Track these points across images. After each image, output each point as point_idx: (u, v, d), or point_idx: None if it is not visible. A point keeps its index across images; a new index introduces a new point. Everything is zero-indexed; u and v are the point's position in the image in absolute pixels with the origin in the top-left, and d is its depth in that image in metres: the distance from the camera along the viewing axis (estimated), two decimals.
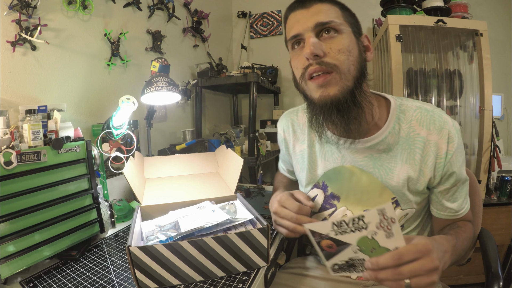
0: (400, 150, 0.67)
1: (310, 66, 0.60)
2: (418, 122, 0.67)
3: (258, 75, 1.72)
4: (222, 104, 2.39)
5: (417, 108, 0.68)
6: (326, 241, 0.53)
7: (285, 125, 0.85)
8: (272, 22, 2.42)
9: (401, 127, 0.67)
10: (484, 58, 1.53)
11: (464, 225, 0.70)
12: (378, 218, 0.47)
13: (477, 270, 1.57)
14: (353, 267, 0.55)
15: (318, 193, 0.78)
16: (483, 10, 1.96)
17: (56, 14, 1.05)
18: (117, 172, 1.10)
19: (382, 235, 0.48)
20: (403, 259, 0.46)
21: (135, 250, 0.58)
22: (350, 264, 0.55)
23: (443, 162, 0.65)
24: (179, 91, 1.13)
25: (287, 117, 0.85)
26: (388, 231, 0.47)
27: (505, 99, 1.98)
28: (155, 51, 1.55)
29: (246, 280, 0.64)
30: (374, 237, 0.49)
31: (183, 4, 1.81)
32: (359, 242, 0.50)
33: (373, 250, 0.50)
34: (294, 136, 0.82)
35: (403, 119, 0.68)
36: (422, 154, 0.66)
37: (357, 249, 0.51)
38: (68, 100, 1.08)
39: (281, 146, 0.89)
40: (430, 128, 0.66)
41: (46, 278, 0.69)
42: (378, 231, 0.48)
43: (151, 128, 1.38)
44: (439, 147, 0.65)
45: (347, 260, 0.54)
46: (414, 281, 0.46)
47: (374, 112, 0.67)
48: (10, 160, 0.67)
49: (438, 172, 0.67)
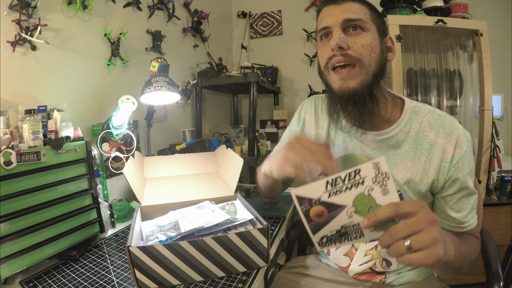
0: (407, 148, 0.69)
1: (334, 57, 0.64)
2: (429, 124, 0.69)
3: (258, 75, 1.72)
4: (222, 104, 2.39)
5: (429, 111, 0.71)
6: (316, 208, 0.49)
7: (308, 107, 0.87)
8: (272, 22, 2.42)
9: (411, 127, 0.70)
10: (484, 58, 1.53)
11: (469, 238, 0.68)
12: (374, 171, 0.46)
13: (477, 270, 1.57)
14: (345, 236, 0.50)
15: None
16: (483, 10, 1.95)
17: (56, 14, 1.05)
18: (117, 172, 1.10)
19: (378, 190, 0.46)
20: (400, 209, 0.44)
21: (135, 250, 0.58)
22: (341, 234, 0.50)
23: (448, 166, 0.66)
24: (179, 91, 1.13)
25: (312, 101, 0.87)
26: (384, 187, 0.46)
27: (505, 99, 1.98)
28: (155, 51, 1.55)
29: (246, 280, 0.64)
30: (370, 193, 0.47)
31: (183, 4, 1.81)
32: (355, 201, 0.47)
33: (369, 209, 0.47)
34: (315, 119, 0.84)
35: (415, 120, 0.70)
36: (428, 156, 0.67)
37: (353, 211, 0.48)
38: (68, 100, 1.08)
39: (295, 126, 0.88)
40: (439, 131, 0.67)
41: (46, 278, 0.69)
42: (374, 186, 0.46)
43: (151, 128, 1.38)
44: (445, 150, 0.66)
45: (338, 228, 0.50)
46: (414, 238, 0.42)
47: (388, 108, 0.70)
48: (10, 160, 0.67)
49: (442, 176, 0.66)
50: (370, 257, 0.75)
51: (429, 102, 1.65)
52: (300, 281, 0.82)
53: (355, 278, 0.78)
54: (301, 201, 0.49)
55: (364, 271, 0.77)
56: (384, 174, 0.46)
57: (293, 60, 2.37)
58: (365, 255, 0.76)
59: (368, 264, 0.76)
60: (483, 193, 1.59)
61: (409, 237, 0.42)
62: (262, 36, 2.47)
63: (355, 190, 0.47)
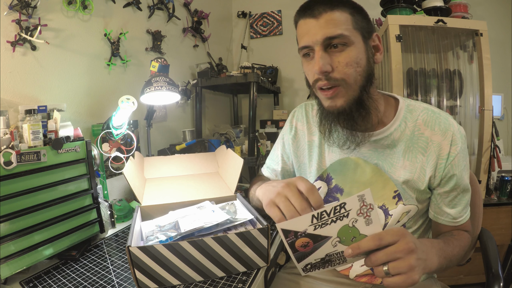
0: (404, 147, 0.70)
1: (319, 81, 0.64)
2: (424, 122, 0.69)
3: (258, 75, 1.72)
4: (222, 104, 2.39)
5: (424, 109, 0.71)
6: (302, 239, 0.51)
7: (300, 115, 0.86)
8: (272, 22, 2.42)
9: (407, 126, 0.70)
10: (484, 58, 1.53)
11: (459, 234, 0.71)
12: (359, 204, 0.48)
13: (477, 270, 1.57)
14: (329, 262, 0.53)
15: (321, 186, 0.79)
16: (483, 10, 1.95)
17: (56, 14, 1.05)
18: (117, 172, 1.10)
19: (362, 222, 0.49)
20: (383, 241, 0.47)
21: (135, 250, 0.58)
22: (325, 261, 0.53)
23: (444, 163, 0.67)
24: (179, 91, 1.13)
25: (302, 108, 0.87)
26: (368, 218, 0.49)
27: (505, 99, 1.98)
28: (155, 51, 1.55)
29: (246, 280, 0.64)
30: (354, 225, 0.49)
31: (183, 4, 1.81)
32: (340, 232, 0.50)
33: (353, 239, 0.50)
34: (307, 126, 0.84)
35: (410, 118, 0.70)
36: (425, 154, 0.68)
37: (337, 242, 0.51)
38: (68, 100, 1.08)
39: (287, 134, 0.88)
40: (434, 128, 0.68)
41: (46, 278, 0.69)
42: (358, 218, 0.49)
43: (151, 128, 1.38)
44: (441, 148, 0.67)
45: (323, 256, 0.53)
46: (392, 265, 0.47)
47: (381, 109, 0.71)
48: (10, 160, 0.67)
49: (439, 173, 0.68)
50: None
51: (429, 102, 1.65)
52: (300, 282, 0.82)
53: (355, 280, 0.78)
54: (286, 234, 0.51)
55: (365, 273, 0.76)
56: (369, 205, 0.48)
57: (293, 60, 2.37)
58: None
59: None
60: (483, 193, 1.59)
61: (387, 264, 0.47)
62: (262, 36, 2.47)
63: (340, 223, 0.49)
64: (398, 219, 0.72)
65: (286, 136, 0.89)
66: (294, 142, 0.86)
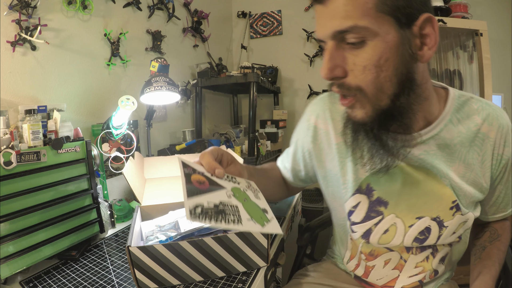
0: (459, 147, 0.58)
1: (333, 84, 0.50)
2: (480, 115, 0.58)
3: (258, 75, 1.72)
4: (222, 104, 2.39)
5: (479, 100, 0.60)
6: (198, 176, 0.50)
7: (320, 110, 0.68)
8: (272, 22, 2.42)
9: (460, 121, 0.58)
10: (484, 58, 1.53)
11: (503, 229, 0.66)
12: (246, 184, 0.56)
13: None
14: (223, 214, 0.46)
15: (361, 200, 0.64)
16: (483, 10, 1.95)
17: (56, 14, 1.04)
18: (117, 172, 1.10)
19: (251, 194, 0.55)
20: None
21: (135, 250, 0.57)
22: (219, 210, 0.46)
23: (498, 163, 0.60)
24: (179, 91, 1.13)
25: (324, 101, 0.68)
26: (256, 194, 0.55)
27: (505, 99, 1.98)
28: (155, 51, 1.55)
29: (246, 280, 0.64)
30: (245, 192, 0.55)
31: (183, 4, 1.81)
32: (234, 189, 0.53)
33: (245, 200, 0.52)
34: (333, 123, 0.65)
35: (463, 111, 0.59)
36: (480, 152, 0.58)
37: (231, 195, 0.52)
38: (67, 100, 1.08)
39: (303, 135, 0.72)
40: (492, 123, 0.58)
41: (46, 278, 0.69)
42: (248, 190, 0.56)
43: (151, 128, 1.38)
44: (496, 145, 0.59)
45: (217, 203, 0.47)
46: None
47: (433, 108, 0.57)
48: (10, 160, 0.67)
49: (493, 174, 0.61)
50: (421, 269, 0.66)
51: None
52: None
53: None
54: (185, 166, 0.52)
55: (412, 285, 0.67)
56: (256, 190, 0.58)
57: (293, 60, 2.37)
58: (416, 266, 0.66)
59: (418, 277, 0.66)
60: None
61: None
62: (262, 36, 2.47)
63: (233, 184, 0.55)
64: (454, 231, 0.62)
65: (301, 140, 0.72)
66: (314, 145, 0.69)
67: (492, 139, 0.58)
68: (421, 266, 0.66)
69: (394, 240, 0.64)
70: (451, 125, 0.58)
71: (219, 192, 0.49)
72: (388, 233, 0.64)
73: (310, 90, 2.27)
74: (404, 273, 0.67)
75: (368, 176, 0.63)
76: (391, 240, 0.64)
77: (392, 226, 0.63)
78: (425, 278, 0.67)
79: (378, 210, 0.63)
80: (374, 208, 0.64)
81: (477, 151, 0.58)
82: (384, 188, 0.62)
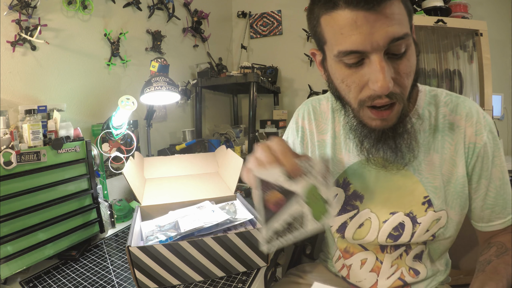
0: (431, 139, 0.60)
1: (377, 99, 0.49)
2: (447, 106, 0.61)
3: (258, 75, 1.72)
4: (222, 104, 2.39)
5: (448, 94, 0.62)
6: (274, 194, 0.46)
7: (304, 112, 0.74)
8: (272, 22, 2.42)
9: (431, 114, 0.61)
10: (484, 58, 1.53)
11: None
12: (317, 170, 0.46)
13: None
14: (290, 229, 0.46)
15: (337, 193, 0.68)
16: (483, 10, 1.95)
17: (56, 14, 1.05)
18: (117, 172, 1.10)
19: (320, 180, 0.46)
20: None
21: (135, 250, 0.58)
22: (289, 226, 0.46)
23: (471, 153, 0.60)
24: (179, 91, 1.13)
25: (308, 105, 0.75)
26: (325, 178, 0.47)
27: (505, 99, 1.98)
28: (155, 51, 1.55)
29: (246, 280, 0.64)
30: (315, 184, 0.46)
31: (183, 4, 1.81)
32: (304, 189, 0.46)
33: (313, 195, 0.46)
34: (315, 123, 0.72)
35: (434, 104, 0.61)
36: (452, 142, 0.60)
37: (301, 198, 0.46)
38: (67, 100, 1.08)
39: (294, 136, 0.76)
40: (461, 113, 0.60)
41: (46, 278, 0.69)
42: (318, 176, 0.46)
43: (151, 128, 1.38)
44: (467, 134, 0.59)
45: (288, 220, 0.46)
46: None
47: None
48: (10, 160, 0.67)
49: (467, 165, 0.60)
50: (396, 266, 0.67)
51: None
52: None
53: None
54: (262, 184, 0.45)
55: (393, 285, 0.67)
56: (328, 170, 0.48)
57: (293, 60, 2.37)
58: (391, 265, 0.67)
59: (396, 275, 0.67)
60: None
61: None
62: (262, 36, 2.47)
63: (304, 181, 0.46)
64: (427, 228, 0.61)
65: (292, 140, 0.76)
66: (302, 145, 0.74)
67: (462, 128, 0.59)
68: (396, 264, 0.67)
69: (368, 236, 0.64)
70: (424, 118, 0.60)
71: (291, 204, 0.46)
72: (362, 227, 0.64)
73: (310, 90, 2.27)
74: (382, 275, 0.67)
75: (345, 169, 0.66)
76: (366, 235, 0.64)
77: (367, 220, 0.64)
78: (405, 276, 0.66)
79: (353, 204, 0.66)
80: (350, 202, 0.66)
81: (449, 141, 0.60)
82: (360, 182, 0.65)
